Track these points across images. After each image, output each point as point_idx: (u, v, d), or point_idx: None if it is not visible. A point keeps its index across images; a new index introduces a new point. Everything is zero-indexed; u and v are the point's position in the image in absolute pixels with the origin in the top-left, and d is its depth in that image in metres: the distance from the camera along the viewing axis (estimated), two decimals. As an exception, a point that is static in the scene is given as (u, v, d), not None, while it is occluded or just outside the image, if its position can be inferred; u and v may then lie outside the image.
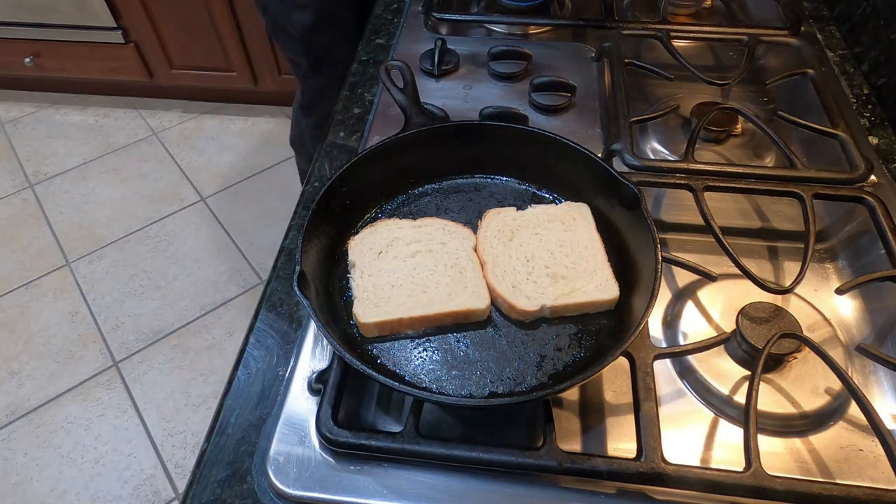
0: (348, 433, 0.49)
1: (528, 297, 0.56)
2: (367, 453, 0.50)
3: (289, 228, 0.69)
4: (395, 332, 0.55)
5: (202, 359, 1.73)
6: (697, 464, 0.51)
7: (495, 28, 0.97)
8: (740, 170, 0.68)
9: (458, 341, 0.55)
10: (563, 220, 0.62)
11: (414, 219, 0.63)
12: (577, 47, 0.90)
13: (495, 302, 0.57)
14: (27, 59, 2.25)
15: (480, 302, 0.56)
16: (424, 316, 0.55)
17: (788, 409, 0.53)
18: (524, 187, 0.68)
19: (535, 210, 0.63)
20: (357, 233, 0.62)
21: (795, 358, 0.55)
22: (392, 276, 0.58)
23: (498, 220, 0.62)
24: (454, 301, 0.56)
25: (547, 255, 0.59)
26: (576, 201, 0.64)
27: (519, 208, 0.63)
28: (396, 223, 0.62)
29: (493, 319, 0.57)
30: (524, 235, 0.61)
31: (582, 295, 0.56)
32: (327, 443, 0.50)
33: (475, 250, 0.60)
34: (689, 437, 0.53)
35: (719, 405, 0.54)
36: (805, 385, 0.54)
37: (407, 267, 0.59)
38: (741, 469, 0.46)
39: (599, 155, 0.63)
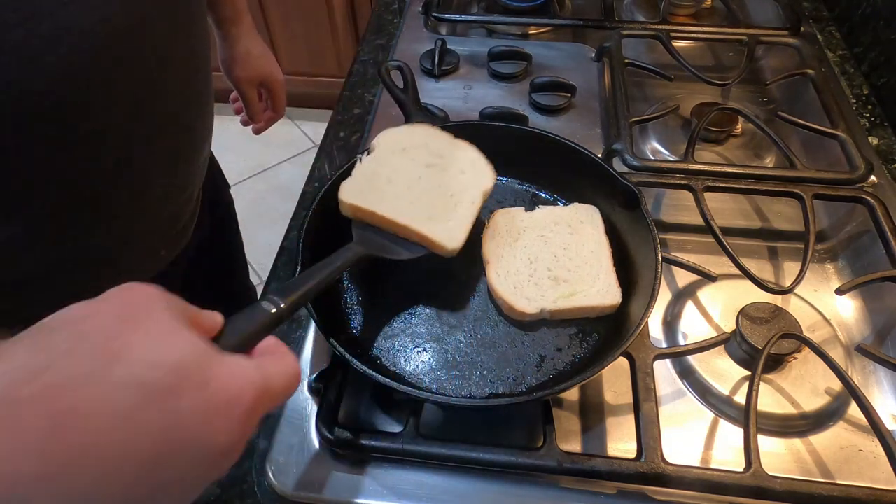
0: (348, 433, 0.49)
1: (529, 299, 0.56)
2: (367, 453, 0.50)
3: (289, 228, 0.69)
4: (367, 222, 0.55)
5: (202, 359, 1.73)
6: (697, 464, 0.51)
7: (495, 28, 0.97)
8: (740, 170, 0.68)
9: (459, 342, 0.55)
10: (570, 222, 0.61)
11: (455, 136, 0.62)
12: (577, 47, 0.90)
13: (496, 302, 0.57)
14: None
15: (450, 241, 0.54)
16: (396, 223, 0.54)
17: (788, 409, 0.53)
18: (524, 187, 0.68)
19: (542, 211, 0.63)
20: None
21: (795, 358, 0.55)
22: (396, 172, 0.58)
23: (506, 219, 0.62)
24: (428, 226, 0.55)
25: (550, 257, 0.59)
26: (575, 202, 0.63)
27: (526, 209, 0.63)
28: (436, 132, 0.61)
29: (494, 319, 0.57)
30: (530, 237, 0.61)
31: (583, 299, 0.56)
32: (327, 443, 0.50)
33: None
34: (689, 437, 0.53)
35: (719, 405, 0.54)
36: (805, 385, 0.54)
37: (414, 173, 0.58)
38: (741, 469, 0.46)
39: (599, 155, 0.63)
